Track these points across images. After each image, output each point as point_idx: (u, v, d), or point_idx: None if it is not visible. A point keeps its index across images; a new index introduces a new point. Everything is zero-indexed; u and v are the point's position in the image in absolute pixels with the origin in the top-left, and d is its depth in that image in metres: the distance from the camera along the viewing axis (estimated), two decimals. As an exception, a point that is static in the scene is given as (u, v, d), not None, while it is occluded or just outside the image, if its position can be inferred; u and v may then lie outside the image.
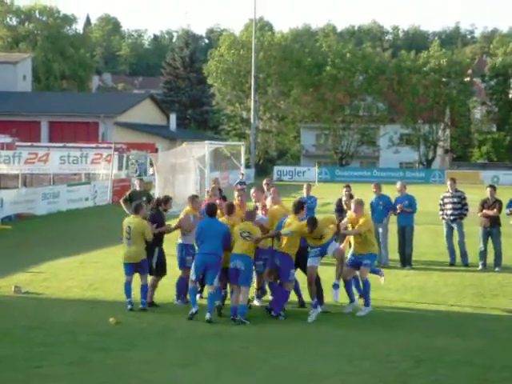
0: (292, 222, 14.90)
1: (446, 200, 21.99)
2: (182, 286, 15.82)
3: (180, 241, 16.04)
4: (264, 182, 20.44)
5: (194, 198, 16.61)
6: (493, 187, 21.91)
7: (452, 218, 21.75)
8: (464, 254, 21.64)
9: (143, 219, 15.61)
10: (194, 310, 14.57)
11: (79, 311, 15.23)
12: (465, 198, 21.89)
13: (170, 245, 16.70)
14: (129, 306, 15.21)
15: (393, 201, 21.58)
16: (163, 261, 16.10)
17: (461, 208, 21.71)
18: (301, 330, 13.86)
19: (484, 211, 21.19)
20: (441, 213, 22.04)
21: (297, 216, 15.12)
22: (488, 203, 21.30)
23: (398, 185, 21.99)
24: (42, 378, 10.75)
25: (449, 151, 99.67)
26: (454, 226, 21.81)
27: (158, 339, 13.05)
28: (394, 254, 21.46)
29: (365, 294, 15.45)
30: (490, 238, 21.29)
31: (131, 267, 15.51)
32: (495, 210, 21.13)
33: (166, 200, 16.75)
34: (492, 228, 21.28)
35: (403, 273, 20.08)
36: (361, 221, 15.62)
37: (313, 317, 14.63)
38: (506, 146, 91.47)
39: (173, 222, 16.73)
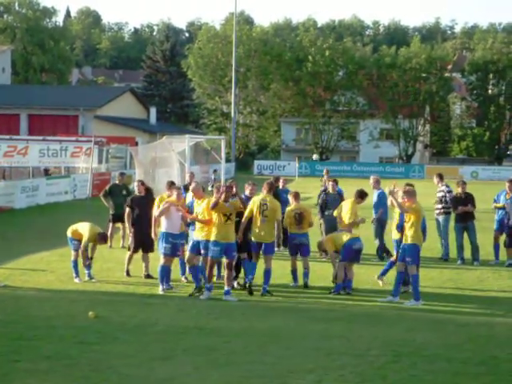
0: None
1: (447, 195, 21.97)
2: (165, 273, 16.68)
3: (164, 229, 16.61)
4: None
5: (178, 190, 16.93)
6: (464, 183, 22.05)
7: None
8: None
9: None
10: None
11: (58, 305, 15.17)
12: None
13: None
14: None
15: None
16: None
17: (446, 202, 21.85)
18: (282, 325, 13.86)
19: (461, 208, 21.26)
20: (440, 207, 22.07)
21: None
22: (461, 199, 21.40)
23: (371, 180, 22.04)
24: (20, 373, 10.67)
25: (428, 146, 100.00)
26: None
27: (138, 333, 13.01)
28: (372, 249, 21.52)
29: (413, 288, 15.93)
30: (465, 233, 21.43)
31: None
32: (469, 206, 21.29)
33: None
34: (467, 223, 21.41)
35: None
36: (413, 205, 15.93)
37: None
38: (486, 142, 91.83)
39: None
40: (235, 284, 17.04)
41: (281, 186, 22.56)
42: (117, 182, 24.12)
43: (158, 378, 10.59)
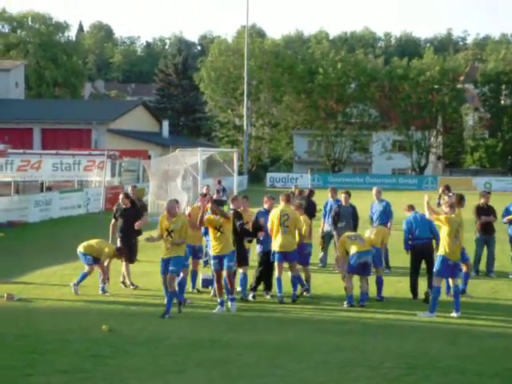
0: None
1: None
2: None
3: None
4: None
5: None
6: (488, 193, 21.94)
7: None
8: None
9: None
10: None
11: (71, 319, 15.19)
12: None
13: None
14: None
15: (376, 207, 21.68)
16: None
17: None
18: (295, 338, 13.84)
19: (484, 217, 21.07)
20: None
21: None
22: (483, 209, 21.25)
23: (374, 191, 22.07)
24: (33, 387, 10.69)
25: (441, 158, 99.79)
26: None
27: (151, 346, 13.00)
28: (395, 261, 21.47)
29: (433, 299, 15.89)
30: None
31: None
32: (492, 217, 21.16)
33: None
34: (490, 235, 21.23)
35: (396, 279, 20.07)
36: (444, 217, 15.96)
37: None
38: (499, 153, 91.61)
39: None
40: (268, 296, 17.49)
41: (344, 202, 22.04)
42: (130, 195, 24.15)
43: (170, 391, 10.59)
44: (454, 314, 15.70)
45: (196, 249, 18.14)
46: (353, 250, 16.93)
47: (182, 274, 16.89)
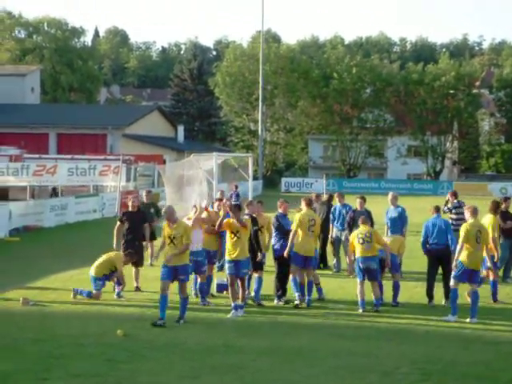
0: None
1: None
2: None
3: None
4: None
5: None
6: (509, 198, 21.83)
7: None
8: None
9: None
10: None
11: (87, 323, 15.25)
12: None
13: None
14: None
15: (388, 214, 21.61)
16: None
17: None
18: (309, 343, 13.84)
19: (510, 222, 20.81)
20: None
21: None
22: (507, 215, 21.10)
23: (390, 196, 21.95)
24: (48, 391, 10.74)
25: (457, 163, 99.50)
26: None
27: (166, 351, 13.04)
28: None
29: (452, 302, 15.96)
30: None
31: None
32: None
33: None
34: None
35: (411, 284, 20.03)
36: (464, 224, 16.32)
37: None
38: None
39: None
40: (279, 302, 17.45)
41: (359, 208, 22.03)
42: (144, 200, 24.24)
43: (185, 395, 10.62)
44: (468, 320, 15.66)
45: (211, 254, 18.17)
46: (357, 252, 16.96)
47: (199, 280, 17.06)
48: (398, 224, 21.17)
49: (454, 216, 22.20)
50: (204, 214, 18.29)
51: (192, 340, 13.87)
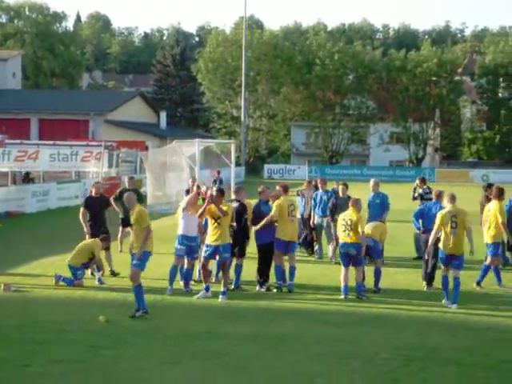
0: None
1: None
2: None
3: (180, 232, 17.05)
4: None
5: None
6: (493, 185, 21.79)
7: None
8: None
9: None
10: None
11: (69, 309, 15.20)
12: None
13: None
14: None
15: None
16: None
17: None
18: (293, 329, 13.85)
19: None
20: None
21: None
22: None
23: (371, 182, 21.98)
24: (30, 377, 10.70)
25: (439, 150, 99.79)
26: None
27: (148, 337, 13.02)
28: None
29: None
30: None
31: None
32: None
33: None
34: None
35: (393, 270, 20.08)
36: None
37: None
38: (496, 145, 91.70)
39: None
40: (261, 288, 17.43)
41: (341, 194, 22.01)
42: (126, 186, 24.15)
43: (167, 382, 10.60)
44: (451, 306, 15.74)
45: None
46: (340, 237, 17.00)
47: (185, 266, 17.06)
48: (380, 210, 21.21)
49: (424, 202, 22.26)
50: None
51: (174, 326, 13.86)
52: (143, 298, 14.52)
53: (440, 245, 16.09)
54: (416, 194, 23.05)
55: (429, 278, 17.68)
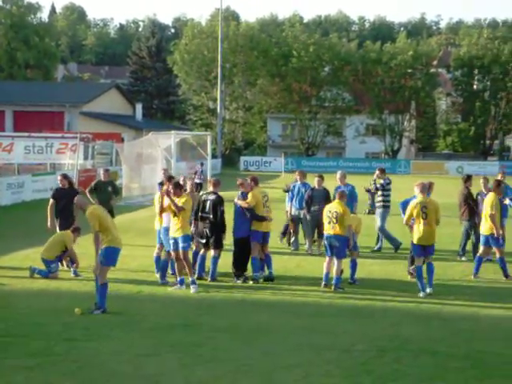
0: None
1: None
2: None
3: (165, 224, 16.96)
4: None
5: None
6: (472, 177, 21.90)
7: None
8: None
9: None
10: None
11: (44, 302, 15.16)
12: None
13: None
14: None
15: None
16: None
17: None
18: (268, 320, 13.89)
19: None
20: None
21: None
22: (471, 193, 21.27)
23: (338, 175, 22.21)
24: (6, 370, 10.65)
25: (414, 141, 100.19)
26: None
27: (125, 329, 13.02)
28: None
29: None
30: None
31: None
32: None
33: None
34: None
35: (368, 262, 20.19)
36: None
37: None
38: (471, 137, 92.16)
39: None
40: (238, 280, 17.47)
41: (317, 186, 22.04)
42: (102, 178, 24.11)
43: (144, 374, 10.61)
44: (426, 290, 15.96)
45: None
46: (324, 228, 17.13)
47: (162, 257, 17.10)
48: (349, 202, 21.29)
49: (385, 193, 22.49)
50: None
51: (151, 318, 13.86)
52: (106, 298, 14.31)
53: (413, 236, 16.27)
54: (378, 185, 23.09)
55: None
